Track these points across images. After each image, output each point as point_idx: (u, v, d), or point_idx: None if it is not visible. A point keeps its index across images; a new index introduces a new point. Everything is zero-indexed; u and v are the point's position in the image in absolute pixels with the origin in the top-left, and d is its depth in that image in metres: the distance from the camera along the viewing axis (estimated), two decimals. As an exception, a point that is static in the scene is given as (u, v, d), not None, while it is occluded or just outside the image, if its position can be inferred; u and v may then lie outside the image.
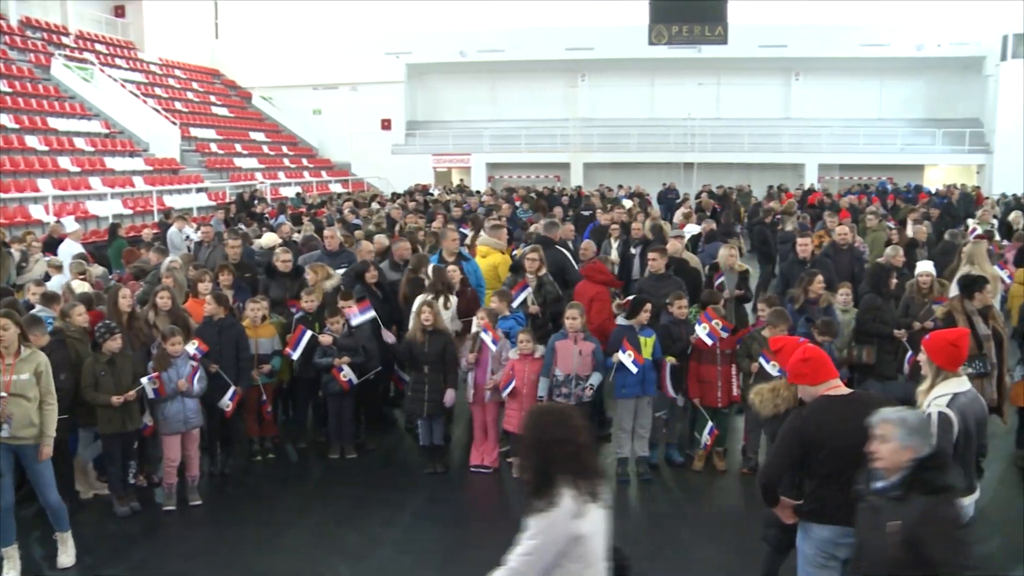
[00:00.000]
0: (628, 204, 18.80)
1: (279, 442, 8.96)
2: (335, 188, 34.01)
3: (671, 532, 7.11)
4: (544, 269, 9.26)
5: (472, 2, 37.15)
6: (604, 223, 13.90)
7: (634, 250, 11.60)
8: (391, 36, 37.72)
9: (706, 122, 36.43)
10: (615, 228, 13.07)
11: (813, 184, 32.47)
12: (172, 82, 34.39)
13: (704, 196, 25.19)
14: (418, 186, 30.21)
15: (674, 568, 6.48)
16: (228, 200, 24.68)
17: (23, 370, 6.10)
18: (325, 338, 8.42)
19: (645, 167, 35.67)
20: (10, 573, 6.15)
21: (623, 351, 7.66)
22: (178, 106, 32.02)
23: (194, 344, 7.68)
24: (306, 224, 15.47)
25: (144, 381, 7.16)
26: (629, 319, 7.94)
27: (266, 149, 35.29)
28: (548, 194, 27.26)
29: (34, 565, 6.41)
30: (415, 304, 8.50)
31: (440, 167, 38.18)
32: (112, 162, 24.62)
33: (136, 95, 28.45)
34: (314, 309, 8.78)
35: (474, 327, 8.31)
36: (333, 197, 27.72)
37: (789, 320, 7.97)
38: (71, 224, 15.43)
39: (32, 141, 22.29)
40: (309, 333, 8.40)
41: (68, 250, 13.12)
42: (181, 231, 15.23)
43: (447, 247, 10.01)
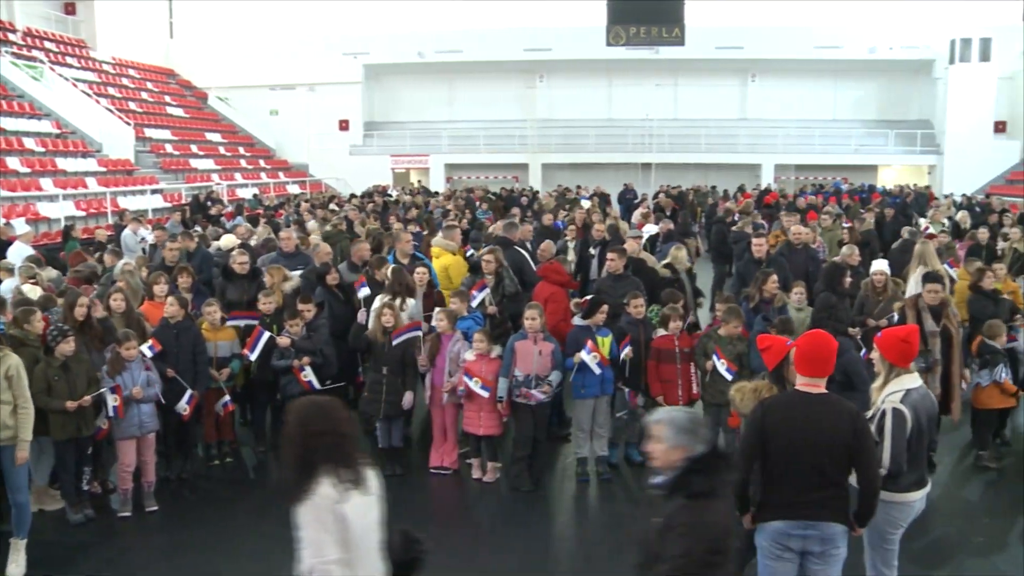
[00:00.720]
0: (586, 204, 18.88)
1: (236, 446, 8.86)
2: (293, 189, 33.75)
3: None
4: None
5: (430, 3, 37.04)
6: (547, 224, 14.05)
7: (593, 251, 11.66)
8: (349, 37, 37.57)
9: (664, 123, 36.74)
10: (572, 228, 13.15)
11: (770, 184, 32.86)
12: (126, 82, 33.79)
13: (662, 196, 25.41)
14: (376, 187, 30.09)
15: (634, 568, 6.49)
16: (184, 202, 24.39)
17: None
18: (283, 340, 8.35)
19: (603, 168, 35.90)
20: None
21: (587, 351, 7.71)
22: (132, 106, 31.49)
23: (148, 344, 7.58)
24: (262, 226, 15.32)
25: (107, 394, 7.05)
26: (586, 319, 7.99)
27: (222, 150, 34.86)
28: (507, 195, 27.30)
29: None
30: (374, 305, 8.48)
31: (398, 168, 38.05)
32: (64, 163, 24.14)
33: (88, 95, 27.93)
34: (272, 311, 8.72)
35: (434, 322, 8.32)
36: (291, 198, 27.50)
37: (743, 316, 8.11)
38: (21, 226, 15.14)
39: (-22, 142, 21.80)
40: (267, 334, 8.33)
41: (18, 253, 12.84)
42: (136, 233, 15.01)
43: (401, 248, 10.08)
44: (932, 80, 35.97)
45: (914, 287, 8.92)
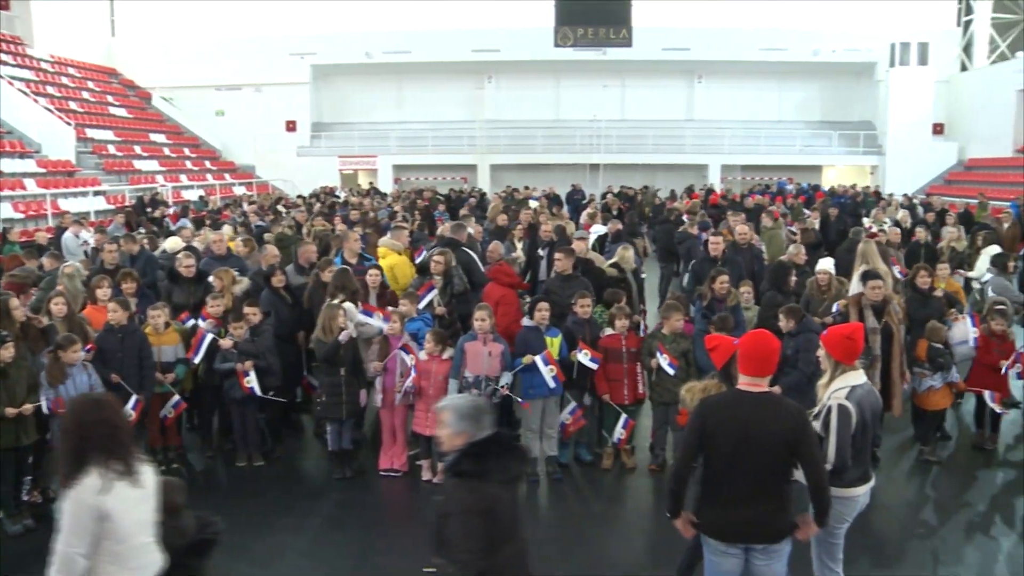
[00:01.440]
0: (534, 204, 18.92)
1: (183, 451, 8.74)
2: (239, 191, 33.29)
3: (582, 531, 7.16)
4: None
5: (378, 3, 36.86)
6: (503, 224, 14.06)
7: (542, 251, 11.69)
8: (296, 37, 37.19)
9: (611, 124, 36.94)
10: (520, 228, 13.18)
11: (713, 184, 33.21)
12: (65, 80, 33.01)
13: (610, 196, 25.55)
14: (324, 188, 29.85)
15: (585, 567, 6.53)
16: (127, 204, 23.95)
17: None
18: (225, 342, 8.24)
19: (552, 168, 35.99)
20: None
21: (544, 362, 7.74)
22: (73, 106, 30.81)
23: (85, 347, 7.42)
24: (207, 228, 15.09)
25: (43, 405, 6.89)
26: (530, 318, 8.05)
27: (167, 151, 34.29)
28: (456, 196, 27.25)
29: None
30: (324, 309, 8.39)
31: (346, 169, 37.76)
32: (1, 164, 23.52)
33: (26, 93, 27.26)
34: (220, 315, 8.61)
35: (385, 329, 8.28)
36: (237, 200, 27.15)
37: (682, 309, 8.26)
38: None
39: (-91, 142, 21.18)
40: (210, 336, 8.23)
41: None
42: (77, 236, 14.71)
43: (348, 248, 10.05)
44: (874, 82, 36.73)
45: (856, 285, 9.08)
